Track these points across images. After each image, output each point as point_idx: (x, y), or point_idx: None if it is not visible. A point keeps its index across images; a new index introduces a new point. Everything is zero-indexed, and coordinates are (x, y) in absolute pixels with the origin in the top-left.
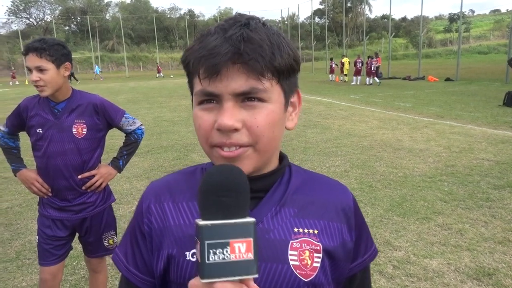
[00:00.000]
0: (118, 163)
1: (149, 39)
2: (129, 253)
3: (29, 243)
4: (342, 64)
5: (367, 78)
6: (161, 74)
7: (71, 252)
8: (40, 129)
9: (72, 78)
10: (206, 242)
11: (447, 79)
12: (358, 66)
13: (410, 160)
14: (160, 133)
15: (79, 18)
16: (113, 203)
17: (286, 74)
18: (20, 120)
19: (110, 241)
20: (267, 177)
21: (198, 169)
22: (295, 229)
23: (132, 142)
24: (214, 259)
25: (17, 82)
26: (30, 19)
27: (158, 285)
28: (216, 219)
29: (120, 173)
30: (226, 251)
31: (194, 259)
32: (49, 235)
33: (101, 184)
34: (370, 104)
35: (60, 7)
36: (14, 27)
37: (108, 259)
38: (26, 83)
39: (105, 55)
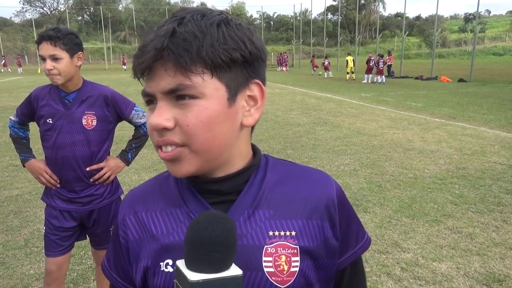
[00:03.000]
0: (127, 156)
1: None
2: (112, 260)
3: (37, 231)
4: (346, 62)
5: (377, 77)
6: (125, 67)
7: (79, 242)
8: (50, 119)
9: None
10: None
11: (461, 80)
12: (370, 64)
13: (421, 161)
14: None
15: (92, 8)
16: (121, 195)
17: (224, 66)
18: (30, 109)
19: None
20: (235, 177)
21: (171, 174)
22: (270, 233)
23: (141, 135)
24: None
25: (9, 70)
26: (44, 8)
27: None
28: (204, 272)
29: (128, 166)
30: None
31: (167, 270)
32: (56, 226)
33: (109, 176)
34: (381, 103)
35: None
36: (28, 16)
37: None
38: (39, 71)
39: (117, 46)
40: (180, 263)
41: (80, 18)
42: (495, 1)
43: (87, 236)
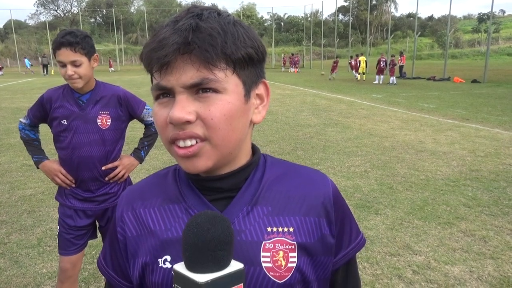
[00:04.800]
0: (140, 154)
1: None
2: (108, 257)
3: (50, 231)
4: (359, 62)
5: (391, 78)
6: (113, 68)
7: (90, 241)
8: (65, 121)
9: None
10: None
11: (474, 81)
12: (381, 65)
13: (433, 163)
14: None
15: (104, 10)
16: None
17: (243, 64)
18: (43, 111)
19: None
20: (236, 174)
21: (170, 171)
22: (269, 229)
23: (153, 133)
24: None
25: (1, 73)
26: (58, 11)
27: None
28: (210, 272)
29: (141, 163)
30: None
31: (165, 266)
32: (71, 225)
33: (123, 175)
34: (393, 104)
35: (87, 0)
36: (42, 18)
37: None
38: (52, 73)
39: (129, 48)
40: (180, 267)
41: (92, 20)
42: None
43: (97, 235)
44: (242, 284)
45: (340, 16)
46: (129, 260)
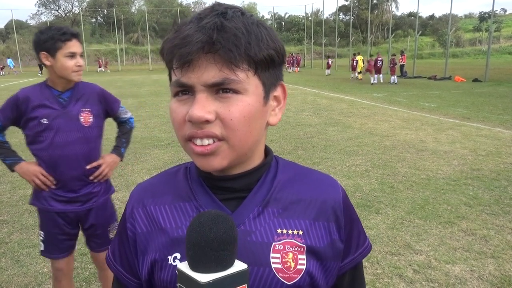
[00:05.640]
0: (120, 151)
1: None
2: (116, 253)
3: None
4: (356, 62)
5: (392, 77)
6: (102, 69)
7: (80, 249)
8: (46, 120)
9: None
10: None
11: (475, 80)
12: (378, 64)
13: (434, 162)
14: None
15: (105, 10)
16: (112, 194)
17: (265, 66)
18: (17, 112)
19: (113, 233)
20: (249, 175)
21: (181, 169)
22: (279, 230)
23: (128, 130)
24: None
25: (2, 73)
26: (59, 11)
27: None
28: (212, 272)
29: (122, 160)
30: None
31: (175, 263)
32: (55, 231)
33: (107, 173)
34: (394, 103)
35: (88, 0)
36: (44, 18)
37: None
38: None
39: (130, 48)
40: (184, 266)
41: (93, 20)
42: None
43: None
44: (246, 285)
45: (341, 15)
46: (138, 256)
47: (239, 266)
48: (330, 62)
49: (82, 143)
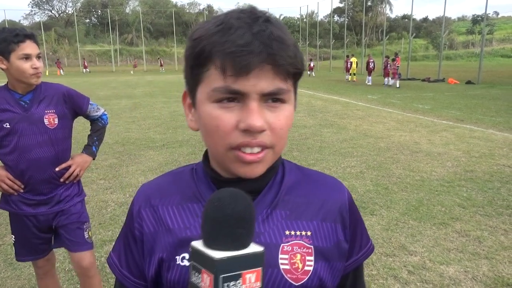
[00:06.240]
0: (92, 149)
1: (168, 33)
2: (122, 257)
3: None
4: (350, 64)
5: (385, 79)
6: (88, 69)
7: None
8: (8, 124)
9: None
10: (222, 276)
11: (468, 82)
12: (370, 66)
13: (428, 164)
14: (176, 128)
15: (99, 11)
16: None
17: (298, 76)
18: None
19: (90, 233)
20: (259, 177)
21: (187, 170)
22: (287, 232)
23: (100, 127)
24: None
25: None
26: (52, 11)
27: None
28: (226, 250)
29: (94, 159)
30: (239, 283)
31: (183, 264)
32: (26, 234)
33: (78, 173)
34: (388, 105)
35: (82, 0)
36: (37, 18)
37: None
38: (47, 74)
39: (124, 49)
40: (197, 244)
41: (87, 20)
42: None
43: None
44: (261, 268)
45: (336, 17)
46: (145, 257)
47: (255, 248)
48: (312, 65)
49: (48, 145)
